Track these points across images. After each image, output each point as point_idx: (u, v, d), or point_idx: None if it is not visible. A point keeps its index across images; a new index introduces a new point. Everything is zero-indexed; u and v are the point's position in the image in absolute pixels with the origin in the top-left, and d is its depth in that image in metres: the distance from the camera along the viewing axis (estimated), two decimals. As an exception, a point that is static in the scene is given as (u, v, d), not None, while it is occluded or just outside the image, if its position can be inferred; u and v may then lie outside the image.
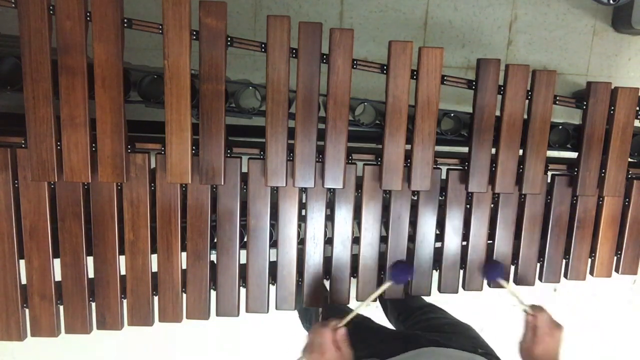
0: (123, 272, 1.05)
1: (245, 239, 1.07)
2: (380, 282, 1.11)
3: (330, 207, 1.08)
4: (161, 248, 1.03)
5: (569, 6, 1.87)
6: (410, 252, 1.09)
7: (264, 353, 2.02)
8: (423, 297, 1.47)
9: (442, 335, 1.06)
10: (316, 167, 1.00)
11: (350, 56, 0.96)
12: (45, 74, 0.92)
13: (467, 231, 1.10)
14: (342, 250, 1.07)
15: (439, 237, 1.11)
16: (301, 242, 1.07)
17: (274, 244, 1.07)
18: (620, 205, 1.12)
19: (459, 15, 1.85)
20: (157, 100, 1.05)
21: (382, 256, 1.09)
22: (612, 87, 1.05)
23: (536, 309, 0.91)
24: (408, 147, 1.02)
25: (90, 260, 1.03)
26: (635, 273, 1.16)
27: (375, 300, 0.96)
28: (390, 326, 1.47)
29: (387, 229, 1.08)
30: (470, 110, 1.03)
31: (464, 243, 1.11)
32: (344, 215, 1.06)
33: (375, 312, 1.54)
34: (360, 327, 1.16)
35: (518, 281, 1.14)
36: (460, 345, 0.98)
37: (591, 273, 1.15)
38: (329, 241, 1.08)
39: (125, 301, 1.06)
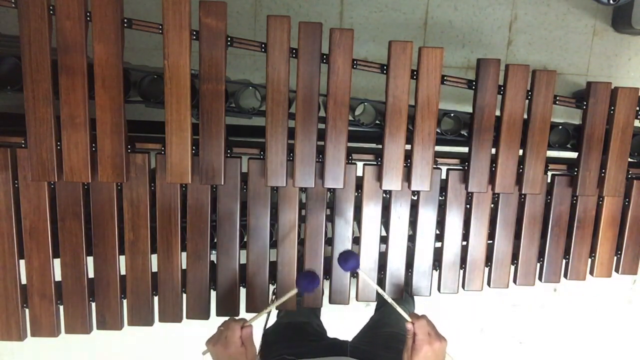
0: (123, 272, 1.05)
1: (245, 239, 1.07)
2: (380, 282, 1.11)
3: (330, 207, 1.08)
4: (161, 248, 1.03)
5: (569, 6, 1.87)
6: (410, 252, 1.09)
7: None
8: (413, 302, 1.48)
9: (372, 347, 1.08)
10: (316, 167, 1.00)
11: (350, 56, 0.96)
12: (45, 74, 0.92)
13: (467, 231, 1.10)
14: (342, 250, 1.06)
15: (439, 237, 1.11)
16: (301, 242, 1.07)
17: (274, 244, 1.07)
18: (620, 205, 1.12)
19: (459, 15, 1.86)
20: (157, 100, 1.05)
21: (382, 256, 1.09)
22: (612, 87, 1.05)
23: (414, 315, 0.87)
24: (408, 147, 1.02)
25: (90, 260, 1.03)
26: (635, 273, 1.16)
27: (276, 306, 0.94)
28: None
29: (387, 229, 1.08)
30: (470, 110, 1.03)
31: (464, 243, 1.11)
32: (344, 215, 1.06)
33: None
34: (296, 328, 1.20)
35: (518, 281, 1.14)
36: (386, 359, 1.00)
37: (591, 273, 1.15)
38: (329, 241, 1.08)
39: (125, 301, 1.06)
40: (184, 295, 1.07)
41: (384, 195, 1.06)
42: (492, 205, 1.09)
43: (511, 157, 1.04)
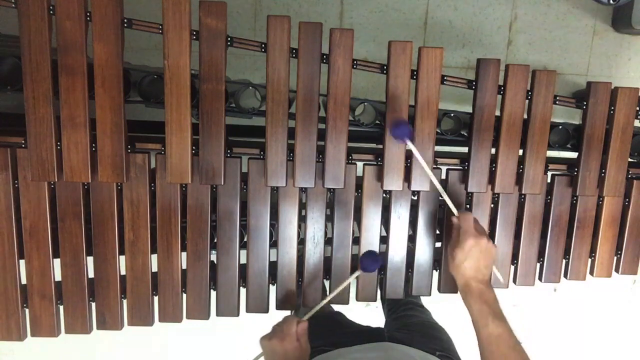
0: (123, 272, 1.05)
1: (245, 239, 1.07)
2: (380, 282, 1.11)
3: (330, 207, 1.08)
4: (161, 248, 1.03)
5: (569, 6, 1.87)
6: (410, 252, 1.09)
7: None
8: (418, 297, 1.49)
9: (409, 333, 1.08)
10: (316, 167, 1.00)
11: (351, 56, 0.96)
12: (45, 74, 0.92)
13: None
14: (342, 250, 1.07)
15: (439, 237, 1.11)
16: (301, 242, 1.07)
17: (274, 244, 1.07)
18: (620, 205, 1.12)
19: (459, 15, 1.86)
20: (157, 100, 1.05)
21: (382, 256, 1.09)
22: (612, 87, 1.05)
23: (460, 211, 0.86)
24: (408, 147, 1.02)
25: (90, 260, 1.03)
26: (635, 273, 1.16)
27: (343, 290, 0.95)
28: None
29: (387, 229, 1.08)
30: (470, 110, 1.03)
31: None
32: (344, 215, 1.06)
33: (377, 313, 1.54)
34: (329, 319, 1.21)
35: (518, 281, 1.14)
36: (421, 345, 0.99)
37: (591, 273, 1.15)
38: (329, 241, 1.08)
39: (125, 301, 1.06)
40: (184, 295, 1.07)
41: (384, 195, 1.06)
42: (492, 205, 1.09)
43: (511, 157, 1.04)
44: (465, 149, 1.06)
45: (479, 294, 0.83)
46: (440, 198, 0.87)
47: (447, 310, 1.35)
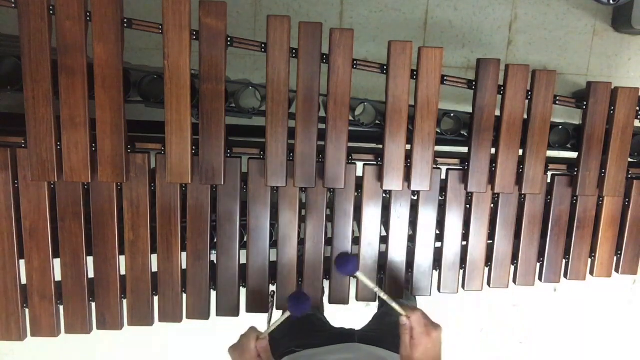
0: (123, 272, 1.05)
1: (245, 239, 1.07)
2: (379, 282, 1.11)
3: (330, 207, 1.08)
4: (161, 248, 1.03)
5: (569, 6, 1.87)
6: (410, 252, 1.09)
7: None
8: (414, 298, 1.48)
9: (380, 333, 1.08)
10: (316, 167, 1.00)
11: (351, 56, 0.96)
12: (45, 74, 0.92)
13: (467, 231, 1.10)
14: (341, 251, 1.06)
15: (439, 237, 1.11)
16: (301, 242, 1.07)
17: (274, 244, 1.07)
18: (620, 205, 1.12)
19: (459, 15, 1.86)
20: (157, 100, 1.05)
21: (382, 256, 1.09)
22: (612, 87, 1.05)
23: (408, 310, 0.85)
24: (408, 147, 1.02)
25: (90, 260, 1.03)
26: (635, 273, 1.16)
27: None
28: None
29: (387, 229, 1.08)
30: (470, 110, 1.03)
31: (464, 243, 1.11)
32: (344, 215, 1.06)
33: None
34: (301, 320, 1.17)
35: (518, 281, 1.14)
36: (391, 345, 0.99)
37: (591, 273, 1.15)
38: (329, 241, 1.08)
39: (125, 301, 1.06)
40: (184, 295, 1.07)
41: (384, 195, 1.06)
42: (492, 205, 1.09)
43: (511, 157, 1.04)
44: (465, 149, 1.06)
45: None
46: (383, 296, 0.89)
47: (445, 312, 1.35)
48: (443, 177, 1.08)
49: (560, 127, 1.12)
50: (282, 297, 1.07)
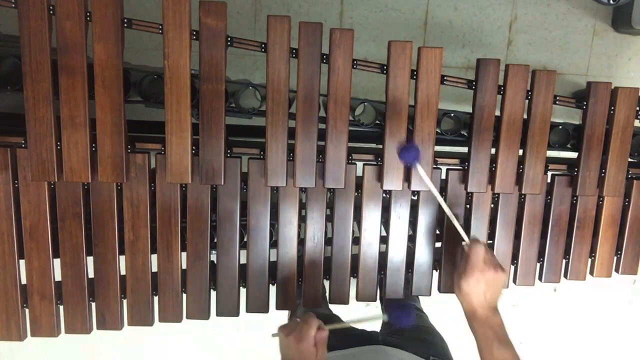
0: (123, 272, 1.05)
1: (245, 239, 1.07)
2: (379, 282, 1.11)
3: (330, 207, 1.08)
4: (161, 248, 1.03)
5: (569, 6, 1.87)
6: (410, 252, 1.09)
7: (263, 353, 2.02)
8: (418, 299, 1.48)
9: (402, 338, 1.07)
10: (316, 167, 1.00)
11: (351, 56, 0.96)
12: (45, 74, 0.92)
13: (467, 231, 1.09)
14: (342, 250, 1.07)
15: (439, 237, 1.11)
16: (301, 242, 1.07)
17: (274, 244, 1.07)
18: (620, 205, 1.12)
19: (459, 15, 1.86)
20: (157, 100, 1.05)
21: (382, 256, 1.09)
22: (612, 87, 1.05)
23: (473, 239, 0.82)
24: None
25: (90, 260, 1.03)
26: (635, 273, 1.16)
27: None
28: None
29: (387, 229, 1.08)
30: (470, 110, 1.03)
31: (464, 243, 1.11)
32: (344, 215, 1.06)
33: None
34: (325, 322, 1.18)
35: (518, 281, 1.14)
36: (415, 349, 0.99)
37: (591, 273, 1.15)
38: (329, 241, 1.08)
39: (125, 301, 1.06)
40: (184, 295, 1.07)
41: (384, 195, 1.06)
42: (492, 205, 1.09)
43: (511, 157, 1.04)
44: (465, 149, 1.06)
45: (485, 319, 0.82)
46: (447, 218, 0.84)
47: (445, 312, 1.35)
48: (443, 177, 1.08)
49: (560, 127, 1.12)
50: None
